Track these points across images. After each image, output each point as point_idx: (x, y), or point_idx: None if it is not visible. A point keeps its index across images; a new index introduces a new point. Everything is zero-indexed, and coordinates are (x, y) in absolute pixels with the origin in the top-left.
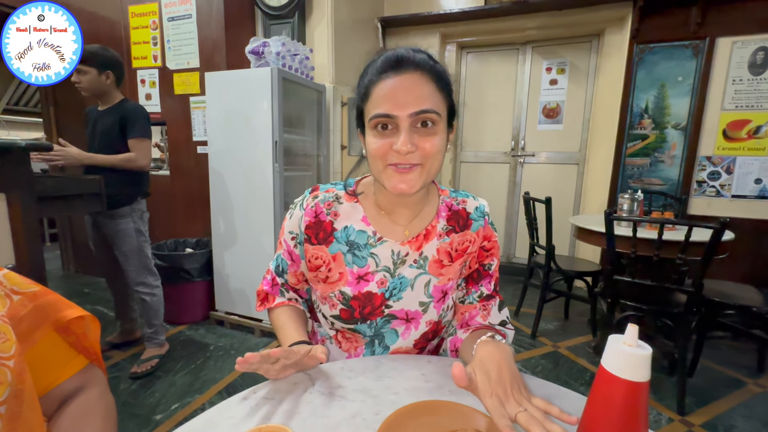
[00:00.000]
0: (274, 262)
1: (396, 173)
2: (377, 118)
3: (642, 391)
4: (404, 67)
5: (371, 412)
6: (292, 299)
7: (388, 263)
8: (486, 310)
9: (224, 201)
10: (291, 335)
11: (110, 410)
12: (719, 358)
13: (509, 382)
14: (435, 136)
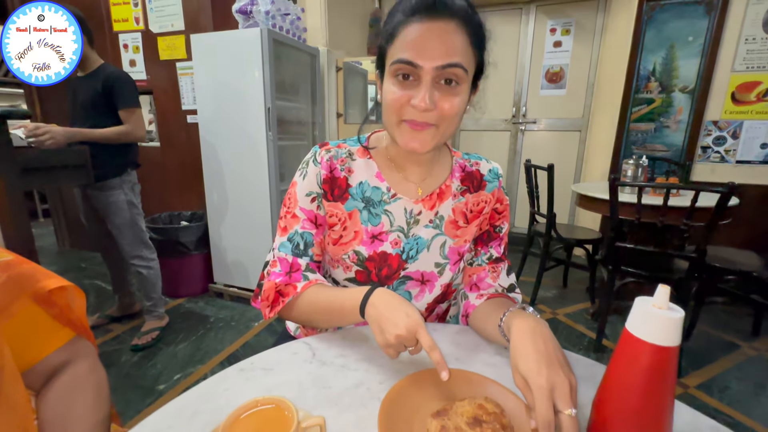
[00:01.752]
0: (287, 245)
1: (409, 130)
2: (399, 64)
3: (673, 357)
4: (439, 11)
5: (375, 381)
6: (318, 279)
7: (402, 223)
8: (495, 272)
9: (217, 172)
10: (353, 291)
11: (101, 385)
12: (715, 323)
13: (557, 360)
14: (457, 96)
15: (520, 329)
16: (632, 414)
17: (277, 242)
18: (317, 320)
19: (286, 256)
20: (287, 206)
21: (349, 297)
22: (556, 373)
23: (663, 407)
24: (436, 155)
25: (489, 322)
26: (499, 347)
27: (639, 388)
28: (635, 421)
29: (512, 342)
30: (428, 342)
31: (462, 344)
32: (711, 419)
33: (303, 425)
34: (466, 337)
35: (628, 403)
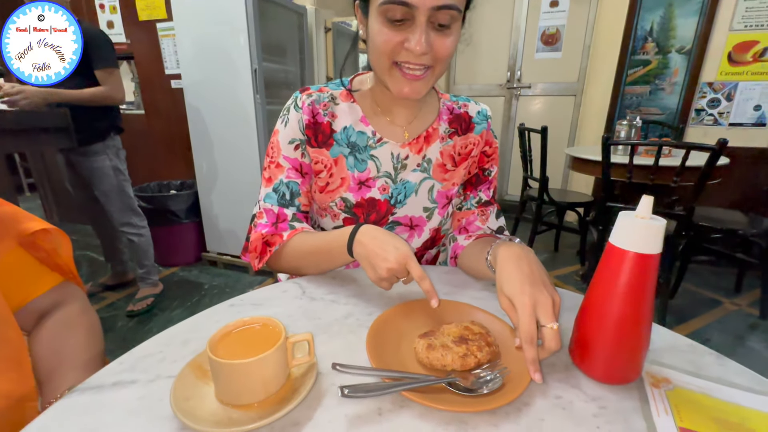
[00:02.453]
0: (272, 196)
1: (403, 78)
2: (391, 4)
3: (655, 264)
4: None
5: (364, 313)
6: (304, 227)
7: (389, 168)
8: (484, 215)
9: (205, 139)
10: (339, 232)
11: (94, 325)
12: (700, 281)
13: (540, 280)
14: (450, 36)
15: (506, 256)
16: (613, 324)
17: (263, 193)
18: (306, 266)
19: (272, 207)
20: (270, 156)
21: (336, 237)
22: (539, 291)
23: (643, 316)
24: (423, 97)
25: (476, 258)
26: (486, 283)
27: (621, 297)
28: (615, 331)
29: (498, 268)
30: (418, 272)
31: (450, 282)
32: (688, 339)
33: (291, 340)
34: (455, 276)
35: (610, 314)
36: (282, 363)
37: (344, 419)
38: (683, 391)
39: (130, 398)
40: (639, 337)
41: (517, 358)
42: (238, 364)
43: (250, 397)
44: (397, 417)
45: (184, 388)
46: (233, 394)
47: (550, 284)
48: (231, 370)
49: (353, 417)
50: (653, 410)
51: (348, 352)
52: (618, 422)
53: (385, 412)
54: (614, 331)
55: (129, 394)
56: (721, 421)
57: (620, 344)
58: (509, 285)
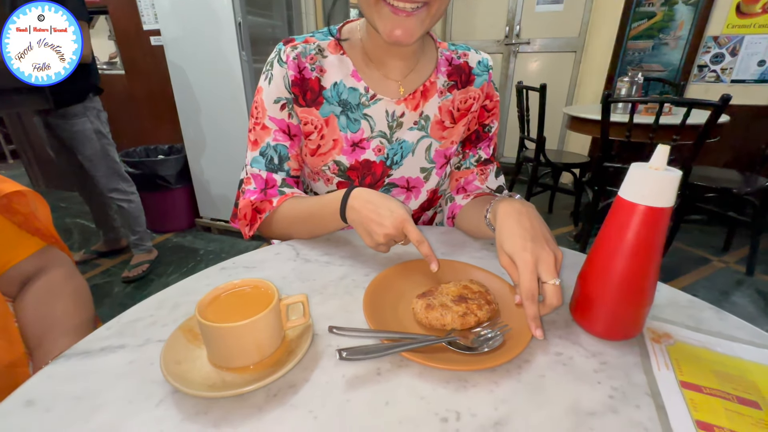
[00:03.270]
0: (259, 160)
1: (392, 15)
2: None
3: (666, 218)
4: None
5: (361, 274)
6: (295, 193)
7: (383, 127)
8: (483, 174)
9: (191, 100)
10: (330, 196)
11: (81, 291)
12: (690, 240)
13: (542, 236)
14: None
15: (506, 212)
16: (619, 280)
17: (249, 158)
18: (298, 232)
19: (260, 172)
20: (255, 117)
21: (328, 203)
22: (541, 247)
23: (650, 272)
24: (419, 47)
25: (475, 217)
26: (485, 243)
27: (629, 252)
28: (621, 287)
29: (498, 225)
30: (416, 235)
31: (448, 242)
32: (688, 294)
33: (284, 302)
34: (453, 236)
35: (616, 269)
36: (276, 325)
37: (342, 380)
38: (684, 346)
39: (119, 363)
40: (644, 294)
41: (517, 316)
42: (229, 327)
43: (243, 360)
44: (396, 377)
45: (174, 351)
46: (226, 358)
47: (552, 240)
48: (221, 334)
49: (351, 378)
50: (654, 365)
51: (344, 313)
52: (619, 377)
53: (384, 372)
54: (620, 287)
55: (118, 359)
56: (721, 374)
57: (625, 300)
58: (510, 241)
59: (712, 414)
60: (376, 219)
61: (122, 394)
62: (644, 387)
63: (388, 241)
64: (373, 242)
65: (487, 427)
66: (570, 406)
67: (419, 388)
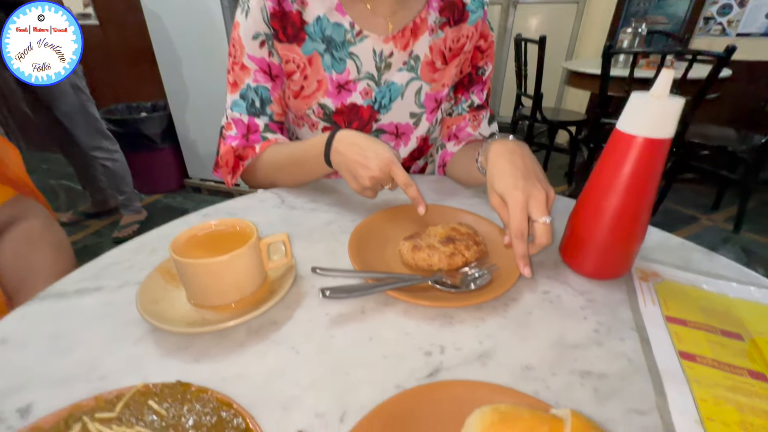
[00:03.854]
0: (240, 104)
1: None
2: None
3: (665, 149)
4: None
5: (347, 220)
6: (278, 139)
7: (371, 68)
8: (476, 121)
9: (171, 52)
10: (314, 140)
11: (60, 242)
12: (680, 199)
13: (534, 174)
14: None
15: (498, 151)
16: (612, 216)
17: (229, 101)
18: (283, 179)
19: (241, 116)
20: (233, 56)
21: (312, 147)
22: (533, 185)
23: (644, 207)
24: None
25: (466, 162)
26: (476, 190)
27: (624, 187)
28: (613, 224)
29: (489, 165)
30: (403, 178)
31: (438, 190)
32: (678, 237)
33: (264, 241)
34: (443, 184)
35: (609, 206)
36: (255, 264)
37: (326, 318)
38: (671, 284)
39: (96, 304)
40: (636, 230)
41: (506, 257)
42: (205, 263)
43: (223, 299)
44: (381, 315)
45: (151, 291)
46: (204, 296)
47: (545, 179)
48: (197, 271)
49: (335, 316)
50: (640, 301)
51: (329, 257)
52: (605, 313)
53: (369, 311)
54: (612, 224)
55: (94, 301)
56: (707, 310)
57: (617, 237)
58: (501, 180)
59: (695, 345)
60: (362, 161)
61: (99, 333)
62: (630, 322)
63: (375, 184)
64: (359, 186)
65: (472, 359)
66: (555, 340)
67: (404, 325)
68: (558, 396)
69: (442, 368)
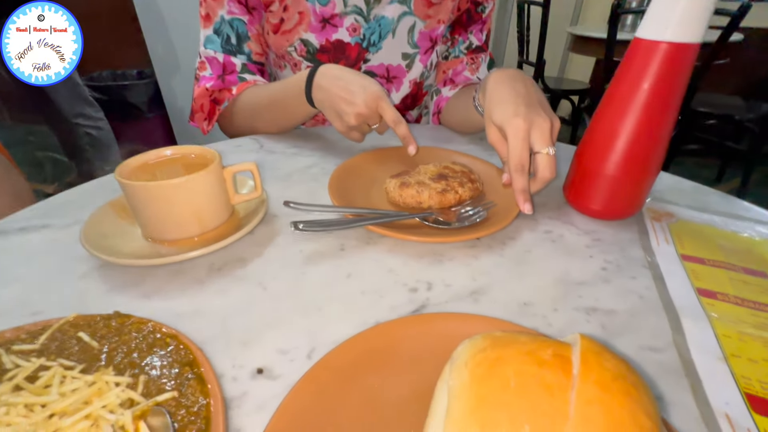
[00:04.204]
0: (214, 40)
1: None
2: None
3: (692, 58)
4: None
5: (331, 163)
6: (257, 80)
7: (359, 1)
8: (475, 64)
9: (154, 12)
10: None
11: (20, 190)
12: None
13: (538, 101)
14: None
15: (497, 80)
16: (627, 143)
17: (202, 37)
18: (262, 123)
19: (216, 54)
20: None
21: (292, 84)
22: (536, 112)
23: (664, 131)
24: None
25: (462, 104)
26: (473, 137)
27: (643, 104)
28: (628, 152)
29: (487, 95)
30: (392, 114)
31: (433, 138)
32: (692, 182)
33: (228, 170)
34: (438, 132)
35: (623, 131)
36: (218, 193)
37: (299, 255)
38: (687, 224)
39: (40, 241)
40: (654, 157)
41: (504, 196)
42: (157, 186)
43: (181, 231)
44: (362, 252)
45: (100, 225)
46: (160, 228)
47: (548, 107)
48: (150, 196)
49: (311, 253)
50: (653, 240)
51: (309, 197)
52: (613, 252)
53: (349, 248)
54: (627, 151)
55: (39, 237)
56: (726, 249)
57: (632, 167)
58: (500, 109)
59: (715, 283)
60: (347, 97)
61: (39, 269)
62: (641, 261)
63: (361, 123)
64: (344, 126)
65: (463, 295)
66: (558, 277)
67: (387, 262)
68: (561, 333)
69: (428, 304)
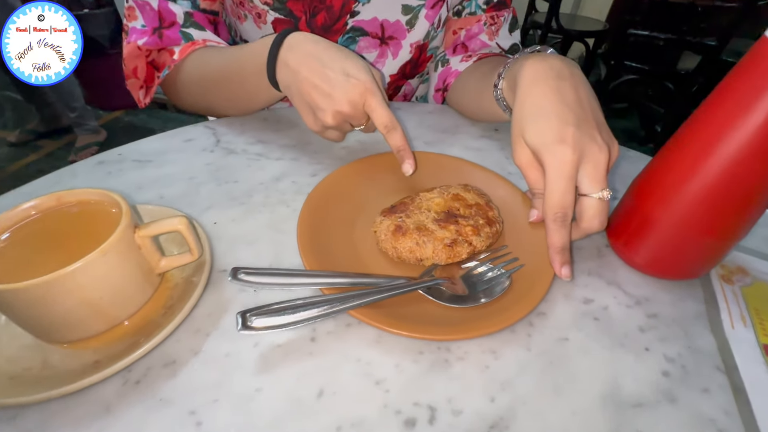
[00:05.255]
0: None
1: None
2: None
3: None
4: None
5: (306, 174)
6: (207, 39)
7: None
8: (495, 25)
9: None
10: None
11: None
12: None
13: (593, 118)
14: None
15: (534, 75)
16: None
17: None
18: (216, 102)
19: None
20: None
21: (251, 55)
22: (590, 138)
23: None
24: None
25: (480, 86)
26: (487, 127)
27: (756, 140)
28: (712, 207)
29: (518, 97)
30: (384, 118)
31: (435, 126)
32: None
33: (144, 232)
34: (442, 117)
35: (712, 173)
36: (129, 272)
37: (253, 352)
38: (765, 286)
39: None
40: (749, 214)
41: (530, 241)
42: (28, 287)
43: (76, 332)
44: (339, 346)
45: None
46: (47, 332)
47: (605, 124)
48: (21, 300)
49: (269, 349)
50: (725, 319)
51: (274, 236)
52: (675, 339)
53: (322, 338)
54: (721, 205)
55: None
56: None
57: (722, 225)
58: (538, 125)
59: None
60: (323, 86)
61: None
62: (713, 355)
63: (341, 123)
64: (317, 124)
65: None
66: (605, 393)
67: (374, 366)
68: None
69: None
